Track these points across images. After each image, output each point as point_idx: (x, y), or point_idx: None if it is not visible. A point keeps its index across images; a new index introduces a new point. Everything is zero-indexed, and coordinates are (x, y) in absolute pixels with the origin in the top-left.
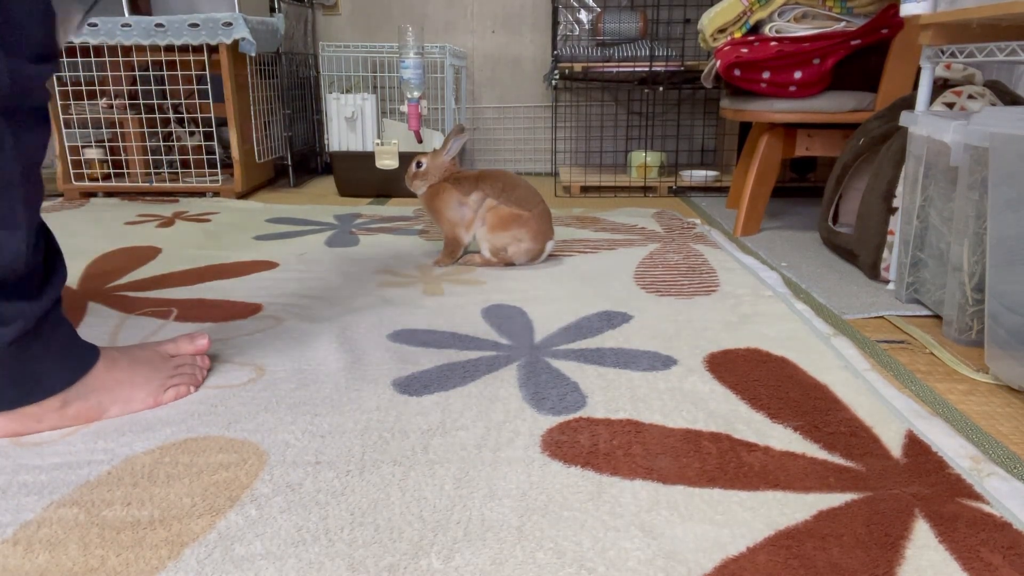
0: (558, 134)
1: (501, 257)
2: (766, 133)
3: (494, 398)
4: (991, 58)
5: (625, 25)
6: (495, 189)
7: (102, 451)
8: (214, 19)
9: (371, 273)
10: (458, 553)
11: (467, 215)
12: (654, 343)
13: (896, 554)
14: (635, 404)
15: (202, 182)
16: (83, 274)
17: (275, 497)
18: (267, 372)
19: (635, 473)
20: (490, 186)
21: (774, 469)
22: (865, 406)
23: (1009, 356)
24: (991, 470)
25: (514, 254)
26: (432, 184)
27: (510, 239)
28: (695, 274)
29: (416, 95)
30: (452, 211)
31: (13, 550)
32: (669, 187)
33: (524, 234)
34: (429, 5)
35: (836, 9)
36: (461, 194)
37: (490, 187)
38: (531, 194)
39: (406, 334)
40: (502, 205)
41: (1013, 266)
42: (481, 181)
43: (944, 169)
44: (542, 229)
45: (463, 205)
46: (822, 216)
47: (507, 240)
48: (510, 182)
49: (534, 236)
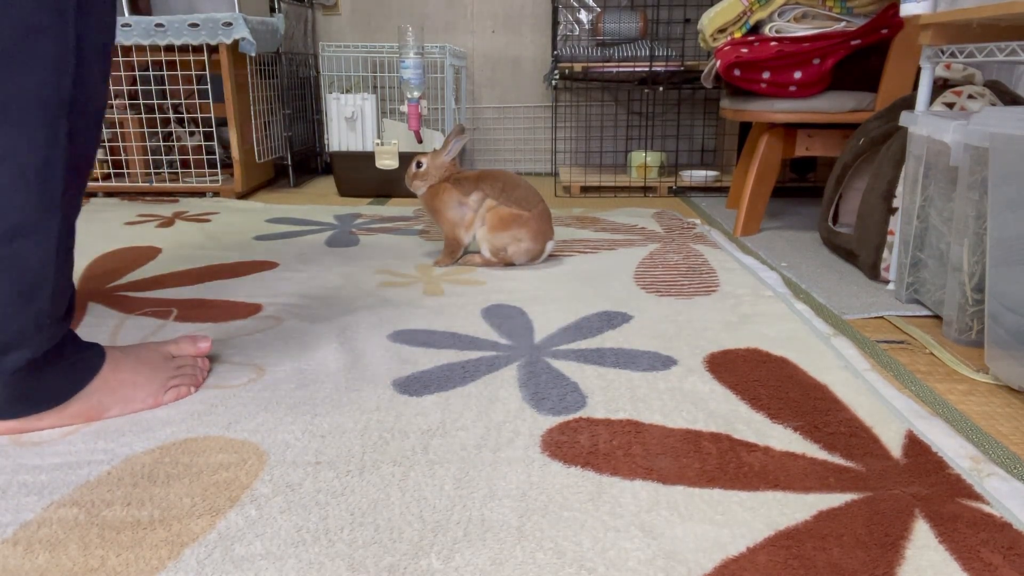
0: (558, 134)
1: (501, 257)
2: (766, 133)
3: (494, 398)
4: (991, 58)
5: (625, 25)
6: (495, 189)
7: (102, 451)
8: (214, 19)
9: (371, 273)
10: (458, 553)
11: (467, 215)
12: (654, 343)
13: (896, 554)
14: (635, 404)
15: (202, 182)
16: (83, 274)
17: (275, 497)
18: (267, 372)
19: (635, 473)
20: (490, 186)
21: (774, 469)
22: (865, 406)
23: (1009, 356)
24: (991, 470)
25: (514, 254)
26: (432, 184)
27: (510, 239)
28: (695, 274)
29: (416, 95)
30: (452, 211)
31: (13, 550)
32: (669, 187)
33: (524, 234)
34: (429, 5)
35: (836, 9)
36: (461, 194)
37: (490, 187)
38: (531, 194)
39: (406, 334)
40: (502, 205)
41: (1013, 266)
42: (481, 181)
43: (944, 169)
44: (542, 229)
45: (463, 205)
46: (822, 216)
47: (507, 240)
48: (510, 182)
49: (534, 236)
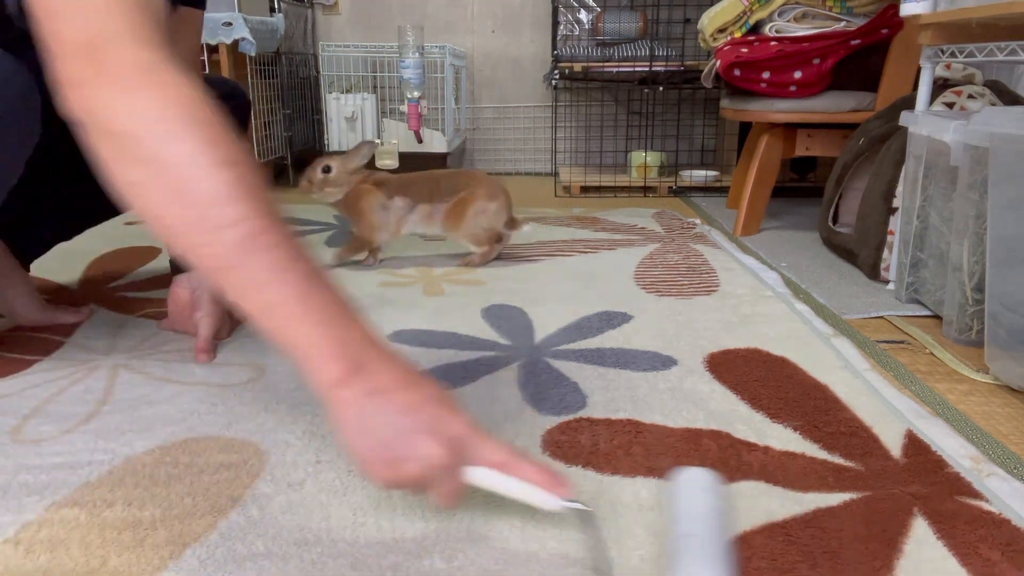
0: (558, 134)
1: (485, 240)
2: (766, 133)
3: (494, 398)
4: (991, 58)
5: (625, 25)
6: (421, 195)
7: (103, 451)
8: (214, 19)
9: (371, 273)
10: (461, 553)
11: (390, 219)
12: (654, 343)
13: (894, 549)
14: (635, 404)
15: None
16: (83, 275)
17: (277, 497)
18: (267, 372)
19: (636, 472)
20: (416, 193)
21: (773, 469)
22: (865, 406)
23: (1009, 356)
24: (991, 470)
25: (488, 227)
26: (355, 187)
27: (471, 219)
28: (695, 274)
29: (416, 95)
30: (376, 214)
31: (14, 550)
32: (669, 187)
33: (480, 206)
34: (429, 5)
35: (836, 9)
36: (384, 195)
37: (416, 193)
38: (457, 177)
39: (406, 334)
40: (440, 204)
41: (1013, 266)
42: (404, 187)
43: (944, 169)
44: (491, 191)
45: (387, 209)
46: (822, 216)
47: (470, 223)
48: (432, 180)
49: (488, 197)
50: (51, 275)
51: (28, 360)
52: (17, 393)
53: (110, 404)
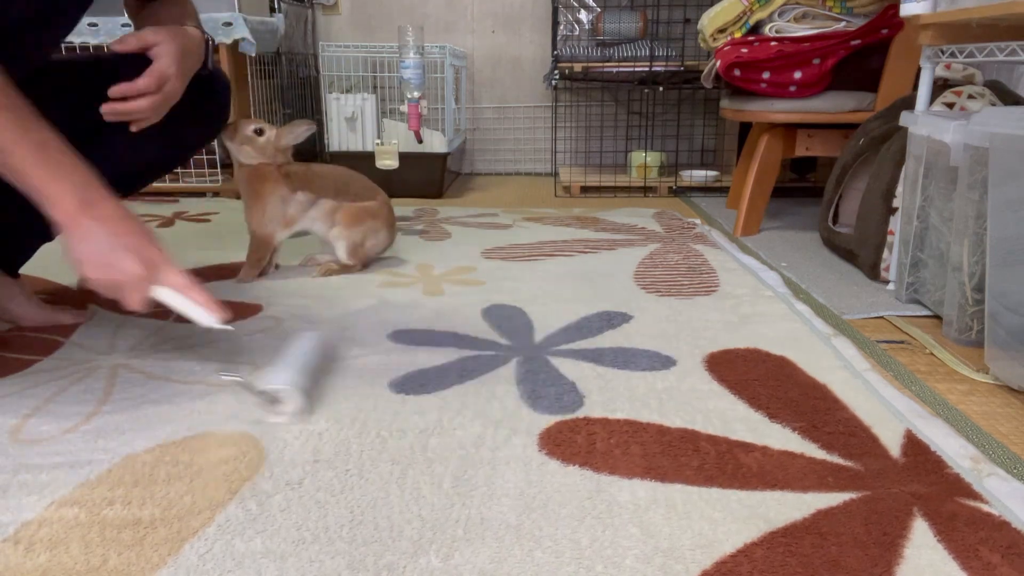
0: (558, 134)
1: (360, 256)
2: (766, 133)
3: (491, 397)
4: (991, 58)
5: (625, 25)
6: (327, 190)
7: (102, 450)
8: (214, 19)
9: (371, 273)
10: (457, 551)
11: (286, 212)
12: (654, 343)
13: (894, 553)
14: (633, 404)
15: (202, 182)
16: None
17: (275, 495)
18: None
19: (633, 472)
20: (321, 187)
21: (772, 469)
22: (864, 406)
23: (1009, 356)
24: (991, 470)
25: (372, 247)
26: (264, 167)
27: (368, 231)
28: (695, 274)
29: (416, 95)
30: (273, 205)
31: (14, 549)
32: (669, 187)
33: (379, 224)
34: (429, 5)
35: (836, 9)
36: (288, 189)
37: (321, 188)
38: (368, 185)
39: (406, 334)
40: (346, 203)
41: (1013, 266)
42: (310, 181)
43: (944, 169)
44: (391, 218)
45: (286, 202)
46: (822, 216)
47: (365, 233)
48: (342, 178)
49: (388, 226)
50: (51, 275)
51: (28, 360)
52: (17, 393)
53: (110, 404)
